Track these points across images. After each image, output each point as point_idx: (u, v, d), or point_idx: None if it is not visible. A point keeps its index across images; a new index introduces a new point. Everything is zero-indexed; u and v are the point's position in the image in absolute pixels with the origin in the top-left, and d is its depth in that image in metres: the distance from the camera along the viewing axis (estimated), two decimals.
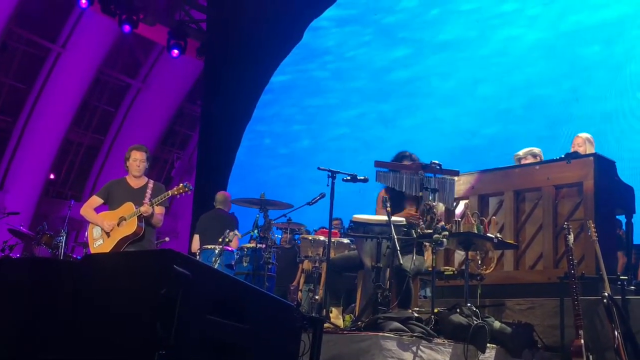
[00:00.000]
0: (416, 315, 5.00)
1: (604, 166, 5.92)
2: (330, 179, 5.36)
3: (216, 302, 2.11)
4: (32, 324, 2.24)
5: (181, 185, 6.04)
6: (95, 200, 6.33)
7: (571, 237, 5.20)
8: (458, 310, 5.04)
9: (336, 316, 5.70)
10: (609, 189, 5.90)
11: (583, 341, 4.84)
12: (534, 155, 6.89)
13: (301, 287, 7.61)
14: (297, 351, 2.43)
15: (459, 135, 10.82)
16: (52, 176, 17.64)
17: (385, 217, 5.30)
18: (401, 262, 5.07)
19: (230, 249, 6.97)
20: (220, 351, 2.08)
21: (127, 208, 6.04)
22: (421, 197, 5.32)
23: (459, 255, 6.21)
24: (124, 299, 2.04)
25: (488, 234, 5.40)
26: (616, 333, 4.82)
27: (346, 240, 6.33)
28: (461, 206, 6.51)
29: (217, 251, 6.74)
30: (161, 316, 1.90)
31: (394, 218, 5.31)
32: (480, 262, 5.79)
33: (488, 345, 4.91)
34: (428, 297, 6.33)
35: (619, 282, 5.28)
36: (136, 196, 6.12)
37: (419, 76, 11.85)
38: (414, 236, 5.41)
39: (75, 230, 13.49)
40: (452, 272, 5.78)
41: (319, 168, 5.39)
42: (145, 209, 5.93)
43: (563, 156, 6.09)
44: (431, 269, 5.36)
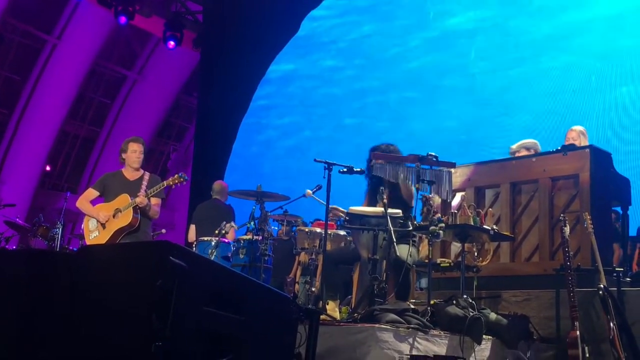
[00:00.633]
0: (412, 307, 5.01)
1: (600, 158, 5.92)
2: (326, 171, 5.35)
3: (212, 294, 2.10)
4: (30, 318, 2.24)
5: (176, 175, 6.03)
6: (91, 192, 6.32)
7: (567, 229, 5.20)
8: (454, 302, 5.05)
9: (332, 308, 5.70)
10: (605, 181, 5.91)
11: (579, 332, 4.86)
12: (527, 148, 6.89)
13: (298, 279, 7.61)
14: (294, 343, 2.43)
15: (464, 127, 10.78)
16: (48, 168, 17.61)
17: (381, 209, 5.31)
18: (398, 254, 5.07)
19: (226, 241, 6.97)
20: (216, 342, 2.08)
21: (123, 200, 6.03)
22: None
23: (455, 247, 6.22)
24: (120, 291, 2.04)
25: (484, 226, 5.41)
26: (612, 324, 4.84)
27: (343, 232, 6.33)
28: (457, 198, 6.51)
29: (214, 243, 6.74)
30: (157, 308, 1.89)
31: (390, 210, 5.32)
32: (476, 254, 5.80)
33: (484, 336, 4.92)
34: (424, 289, 6.34)
35: (615, 274, 5.30)
36: (132, 188, 6.11)
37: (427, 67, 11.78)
38: (411, 228, 5.42)
39: (71, 222, 13.47)
40: (449, 264, 5.79)
41: (316, 160, 5.38)
42: (140, 200, 5.92)
43: (559, 148, 6.09)
44: (427, 261, 5.37)
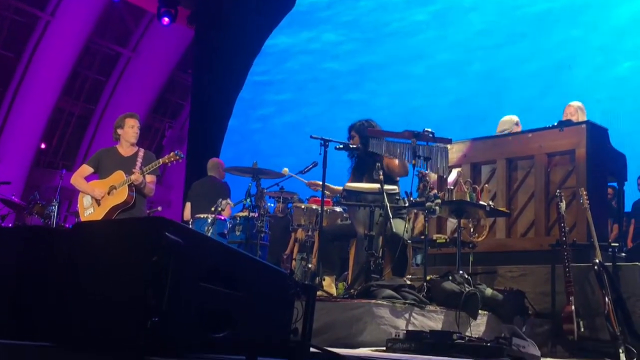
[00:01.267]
0: (408, 282, 5.03)
1: (597, 133, 5.92)
2: (322, 147, 5.33)
3: (209, 270, 2.10)
4: (24, 294, 2.23)
5: (172, 153, 6.00)
6: (85, 169, 6.29)
7: (563, 205, 5.22)
8: (450, 277, 5.07)
9: (329, 284, 5.72)
10: (601, 157, 5.91)
11: (574, 307, 4.88)
12: (516, 123, 6.81)
13: (294, 256, 7.62)
14: (290, 318, 2.43)
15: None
16: (43, 146, 17.53)
17: (377, 185, 5.30)
18: (394, 230, 5.08)
19: (222, 218, 6.96)
20: (213, 318, 2.08)
21: (118, 177, 6.00)
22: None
23: (452, 223, 6.23)
24: (115, 267, 2.03)
25: (480, 202, 5.42)
26: (607, 299, 4.86)
27: (339, 208, 6.33)
28: (454, 174, 6.51)
29: (210, 220, 6.73)
30: (153, 284, 1.89)
31: (387, 186, 5.32)
32: (472, 230, 5.82)
33: (480, 311, 4.95)
34: (420, 265, 6.36)
35: (610, 249, 5.32)
36: (127, 165, 6.08)
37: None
38: (407, 204, 5.42)
39: (67, 199, 13.43)
40: (445, 240, 5.80)
41: (312, 136, 5.36)
42: (135, 177, 5.89)
43: (556, 124, 6.07)
44: (423, 237, 5.38)
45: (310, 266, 5.81)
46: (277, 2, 12.96)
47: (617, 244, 5.48)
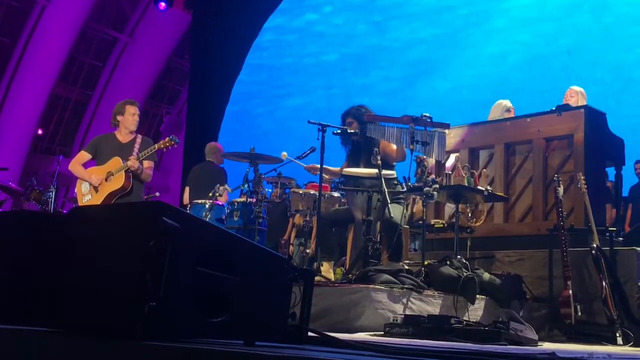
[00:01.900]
0: (406, 267, 5.04)
1: (595, 118, 5.91)
2: (320, 133, 5.31)
3: (206, 254, 2.09)
4: (20, 278, 2.23)
5: (167, 138, 5.98)
6: (83, 155, 6.28)
7: (561, 190, 5.22)
8: (448, 262, 5.08)
9: (327, 270, 5.73)
10: (599, 141, 5.91)
11: (571, 292, 4.90)
12: (507, 110, 6.79)
13: (292, 241, 7.62)
14: (288, 303, 2.43)
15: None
16: (40, 132, 17.49)
17: (375, 170, 5.29)
18: (391, 216, 5.08)
19: (220, 203, 6.95)
20: (210, 303, 2.08)
21: (115, 163, 5.99)
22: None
23: (449, 208, 6.23)
24: (113, 251, 2.02)
25: (478, 187, 5.42)
26: (604, 284, 4.88)
27: (337, 194, 6.32)
28: (452, 159, 6.51)
29: (208, 205, 6.72)
30: (150, 268, 1.88)
31: (385, 172, 5.31)
32: (470, 215, 5.82)
33: (477, 296, 4.96)
34: (418, 250, 6.37)
35: (608, 234, 5.32)
36: (124, 151, 6.06)
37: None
38: (405, 189, 5.42)
39: (65, 186, 13.42)
40: (442, 225, 5.81)
41: (310, 121, 5.35)
42: (132, 163, 5.88)
43: (554, 108, 6.06)
44: (421, 222, 5.39)
45: (308, 251, 5.82)
46: None
47: (615, 229, 5.49)
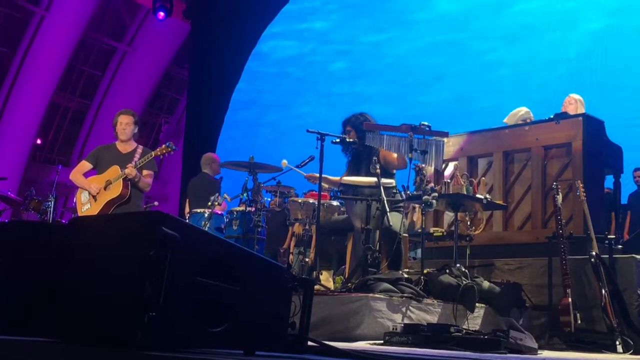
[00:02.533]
0: (406, 276, 5.03)
1: (593, 126, 5.92)
2: (319, 142, 5.32)
3: (206, 264, 2.09)
4: (19, 288, 2.23)
5: (164, 145, 5.98)
6: (84, 165, 6.30)
7: (560, 197, 5.22)
8: (447, 270, 5.08)
9: (327, 279, 5.72)
10: (598, 149, 5.92)
11: (571, 300, 4.90)
12: (523, 119, 6.81)
13: (292, 250, 7.62)
14: (288, 312, 2.43)
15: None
16: (39, 141, 17.48)
17: (374, 179, 5.30)
18: (391, 224, 5.08)
19: (219, 212, 6.96)
20: (210, 312, 2.08)
21: (113, 171, 6.00)
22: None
23: (448, 216, 6.24)
24: (112, 261, 2.02)
25: (477, 195, 5.42)
26: (603, 291, 4.88)
27: (336, 202, 6.32)
28: (450, 167, 6.51)
29: (207, 215, 6.72)
30: (150, 278, 1.89)
31: (384, 180, 5.31)
32: (469, 223, 5.81)
33: (477, 304, 4.95)
34: (417, 259, 6.36)
35: (607, 241, 5.32)
36: (124, 161, 6.07)
37: None
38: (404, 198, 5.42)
39: (64, 195, 13.42)
40: (442, 234, 5.80)
41: (308, 130, 5.35)
42: (129, 171, 5.89)
43: (552, 117, 6.08)
44: (421, 230, 5.38)
45: (307, 260, 5.81)
46: None
47: (614, 236, 5.49)
